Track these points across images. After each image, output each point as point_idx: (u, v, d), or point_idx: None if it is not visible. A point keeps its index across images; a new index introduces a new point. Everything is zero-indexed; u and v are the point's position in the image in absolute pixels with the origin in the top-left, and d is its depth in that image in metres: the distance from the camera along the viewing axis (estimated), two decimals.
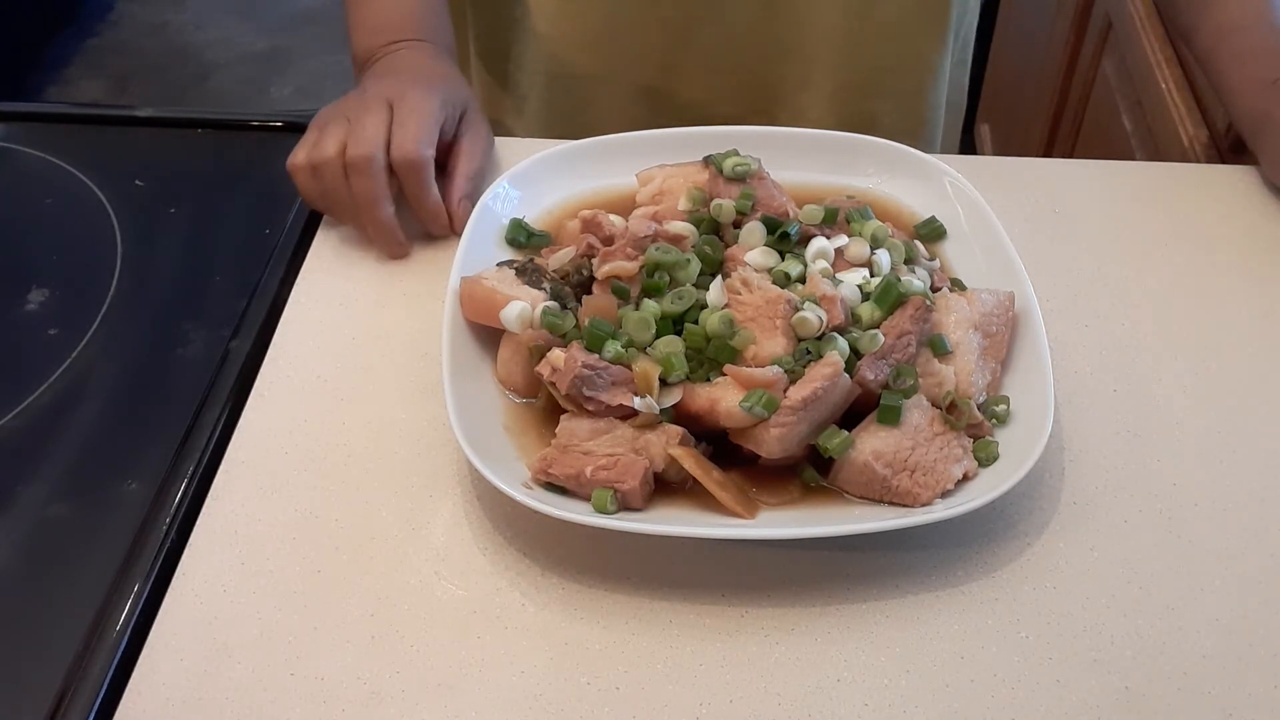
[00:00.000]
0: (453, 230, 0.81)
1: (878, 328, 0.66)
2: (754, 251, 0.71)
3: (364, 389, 0.73)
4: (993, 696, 0.58)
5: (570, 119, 1.01)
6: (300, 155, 0.81)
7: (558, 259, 0.73)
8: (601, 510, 0.62)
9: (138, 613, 0.61)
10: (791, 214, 0.75)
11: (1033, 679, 0.59)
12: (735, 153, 0.77)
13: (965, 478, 0.64)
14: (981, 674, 0.59)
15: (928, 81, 1.03)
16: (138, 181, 0.90)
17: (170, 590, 0.62)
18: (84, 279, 0.81)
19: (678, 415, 0.65)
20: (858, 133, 0.84)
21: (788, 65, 0.98)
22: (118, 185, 0.89)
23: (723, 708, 0.58)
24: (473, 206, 0.79)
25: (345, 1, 0.94)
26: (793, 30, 0.96)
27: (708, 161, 0.77)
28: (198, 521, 0.66)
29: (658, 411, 0.64)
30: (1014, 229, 0.78)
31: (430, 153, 0.80)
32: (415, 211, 0.81)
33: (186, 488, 0.67)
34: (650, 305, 0.67)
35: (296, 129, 0.93)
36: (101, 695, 0.58)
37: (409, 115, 0.79)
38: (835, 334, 0.66)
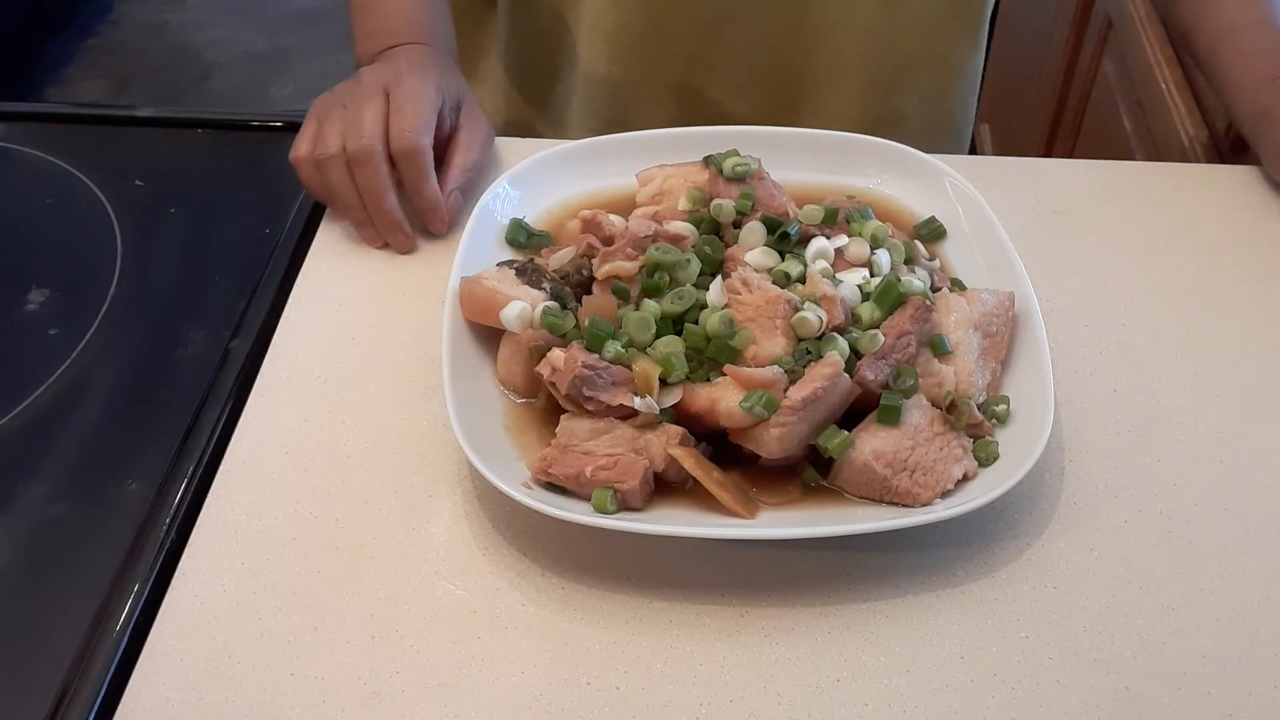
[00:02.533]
0: (442, 221, 0.81)
1: (878, 328, 0.66)
2: (754, 251, 0.71)
3: (364, 389, 0.73)
4: (993, 696, 0.58)
5: (607, 117, 1.02)
6: (303, 148, 0.81)
7: (558, 259, 0.73)
8: (601, 510, 0.62)
9: (138, 613, 0.61)
10: (791, 214, 0.75)
11: (1033, 679, 0.59)
12: (735, 153, 0.77)
13: (965, 478, 0.64)
14: (981, 674, 0.59)
15: (955, 78, 1.03)
16: (138, 181, 0.90)
17: (170, 590, 0.62)
18: (84, 279, 0.81)
19: (678, 415, 0.65)
20: (884, 129, 0.84)
21: (817, 62, 0.98)
22: (118, 185, 0.89)
23: (723, 708, 0.58)
24: (466, 199, 0.79)
25: (350, 10, 0.94)
26: (824, 27, 0.96)
27: (708, 161, 0.77)
28: (198, 521, 0.66)
29: (658, 411, 0.64)
30: (1014, 229, 0.78)
31: (428, 140, 0.80)
32: (413, 202, 0.81)
33: (186, 488, 0.67)
34: (650, 305, 0.67)
35: (296, 129, 0.93)
36: (101, 695, 0.58)
37: (405, 102, 0.80)
38: (835, 334, 0.66)
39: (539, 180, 0.81)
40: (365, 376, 0.74)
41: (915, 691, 0.58)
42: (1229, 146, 1.05)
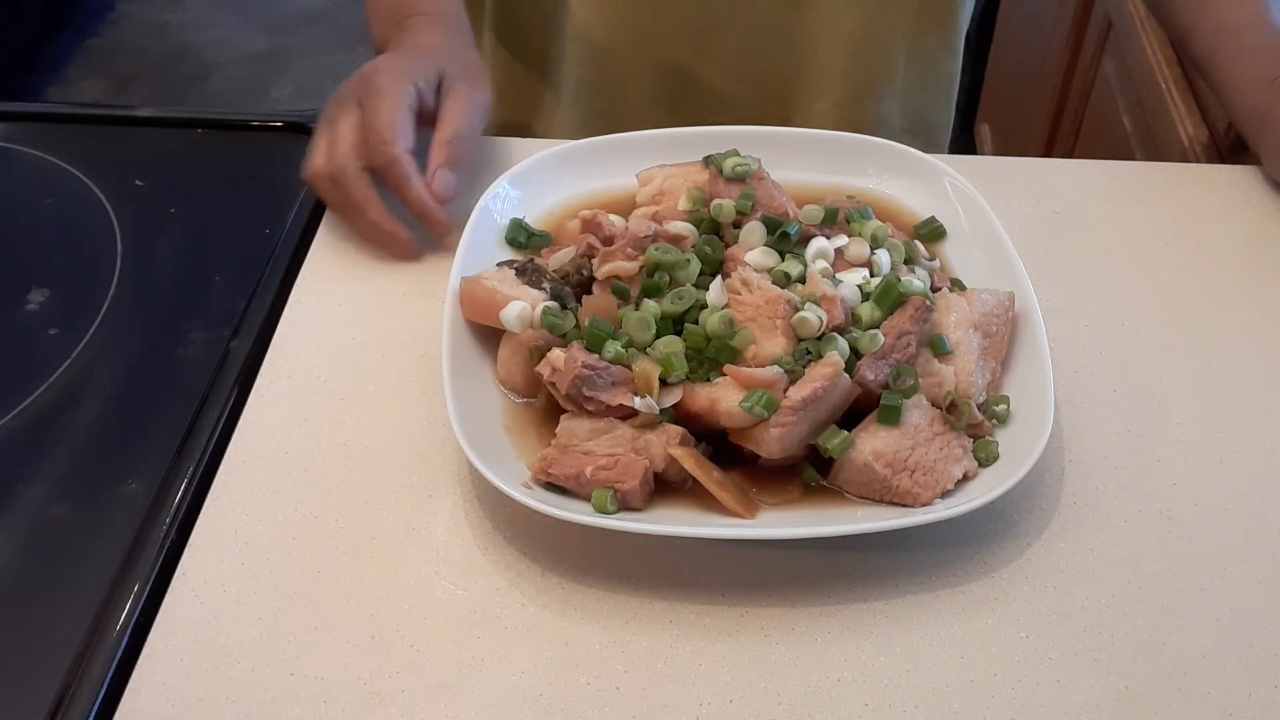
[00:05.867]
0: (434, 198, 0.78)
1: (878, 328, 0.66)
2: (754, 251, 0.71)
3: (364, 389, 0.73)
4: (993, 696, 0.58)
5: (597, 127, 1.01)
6: (308, 166, 0.81)
7: (558, 259, 0.73)
8: (601, 510, 0.62)
9: (138, 613, 0.61)
10: (791, 214, 0.75)
11: (1033, 679, 0.59)
12: (735, 153, 0.77)
13: (965, 477, 0.64)
14: (981, 674, 0.59)
15: (930, 80, 1.03)
16: (138, 181, 0.90)
17: (170, 590, 0.62)
18: (84, 279, 0.81)
19: (678, 415, 0.65)
20: (867, 134, 0.84)
21: (803, 70, 0.99)
22: (118, 185, 0.89)
23: (723, 708, 0.58)
24: (459, 171, 0.78)
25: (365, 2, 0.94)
26: (808, 35, 0.97)
27: (708, 162, 0.77)
28: (198, 521, 0.66)
29: (658, 411, 0.64)
30: (1014, 229, 0.78)
31: (403, 146, 0.77)
32: (408, 209, 0.79)
33: (186, 488, 0.67)
34: (650, 305, 0.67)
35: (296, 129, 0.93)
36: (101, 695, 0.58)
37: (374, 113, 0.78)
38: (835, 334, 0.66)
39: (539, 180, 0.81)
40: (365, 376, 0.74)
41: (915, 691, 0.58)
42: (1229, 146, 1.05)
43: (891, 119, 1.03)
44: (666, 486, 0.64)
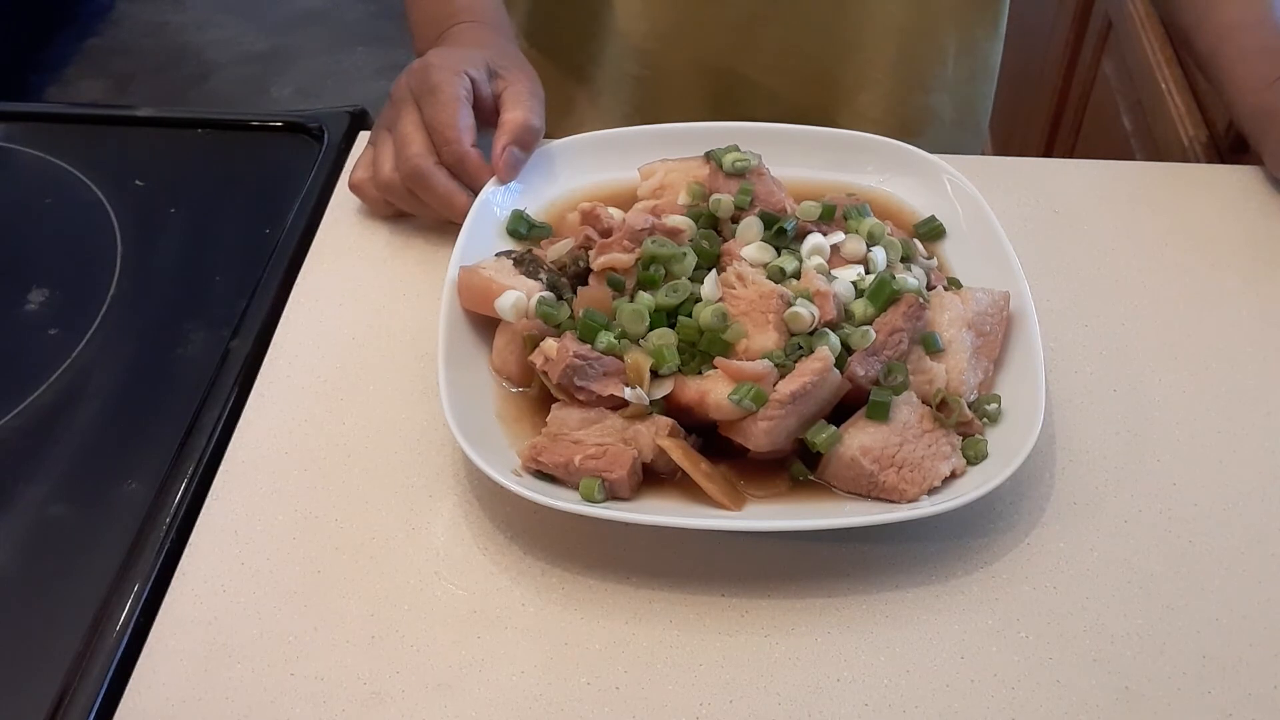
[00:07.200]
0: (499, 177, 0.79)
1: (870, 324, 0.66)
2: (750, 246, 0.71)
3: (364, 389, 0.73)
4: (993, 696, 0.58)
5: (638, 121, 1.01)
6: (358, 173, 0.82)
7: (555, 250, 0.73)
8: (589, 499, 0.62)
9: (138, 613, 0.61)
10: (790, 210, 0.75)
11: (1033, 679, 0.59)
12: (735, 148, 0.77)
13: (953, 475, 0.64)
14: (981, 674, 0.59)
15: (980, 69, 1.03)
16: (138, 181, 0.90)
17: (170, 590, 0.62)
18: (84, 279, 0.82)
19: (668, 407, 0.65)
20: (915, 127, 0.84)
21: (848, 62, 0.98)
22: (118, 185, 0.89)
23: (723, 707, 0.58)
24: (523, 152, 0.79)
25: (407, 9, 0.94)
26: (855, 27, 0.96)
27: (709, 156, 0.77)
28: (198, 521, 0.66)
29: (648, 403, 0.64)
30: (1014, 229, 0.78)
31: (469, 141, 0.78)
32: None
33: (186, 488, 0.67)
34: (645, 298, 0.67)
35: (296, 129, 0.93)
36: (101, 695, 0.58)
37: (436, 113, 0.78)
38: (827, 329, 0.66)
39: (541, 174, 0.81)
40: (365, 376, 0.74)
41: (915, 691, 0.58)
42: (1229, 146, 1.05)
43: (943, 111, 1.02)
44: (655, 478, 0.64)
